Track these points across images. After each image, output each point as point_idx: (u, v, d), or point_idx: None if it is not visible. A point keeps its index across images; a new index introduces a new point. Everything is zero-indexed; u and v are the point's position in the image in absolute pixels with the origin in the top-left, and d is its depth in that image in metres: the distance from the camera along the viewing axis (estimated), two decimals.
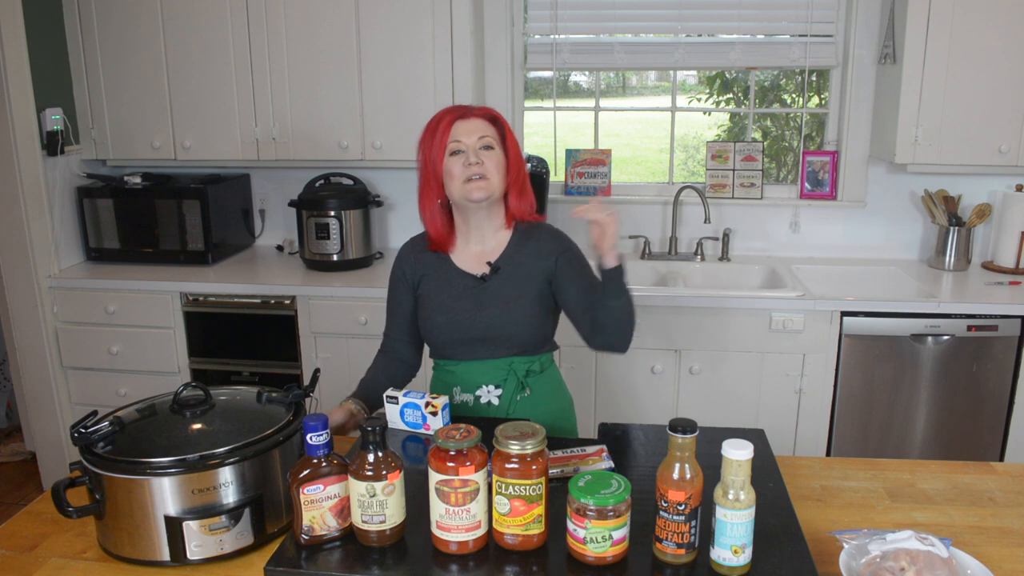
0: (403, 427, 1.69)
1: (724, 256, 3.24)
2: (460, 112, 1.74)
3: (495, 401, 1.78)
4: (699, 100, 3.52)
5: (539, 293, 1.77)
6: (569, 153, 3.36)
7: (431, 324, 1.79)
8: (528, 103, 3.41)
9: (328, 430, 1.26)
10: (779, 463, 1.53)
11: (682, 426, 1.17)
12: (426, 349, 1.91)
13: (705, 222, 3.11)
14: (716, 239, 3.26)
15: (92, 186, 3.20)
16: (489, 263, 1.79)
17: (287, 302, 2.96)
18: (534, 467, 1.20)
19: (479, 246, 1.81)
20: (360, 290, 2.89)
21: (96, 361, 3.11)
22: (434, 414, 1.64)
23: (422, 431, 1.67)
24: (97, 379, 3.14)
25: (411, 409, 1.67)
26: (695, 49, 3.24)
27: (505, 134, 1.77)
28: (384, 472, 1.23)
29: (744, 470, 1.16)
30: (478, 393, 1.79)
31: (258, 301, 2.99)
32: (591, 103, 3.43)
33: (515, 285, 1.76)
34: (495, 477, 1.22)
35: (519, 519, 1.21)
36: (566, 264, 1.77)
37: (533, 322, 1.76)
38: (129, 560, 1.30)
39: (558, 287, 1.77)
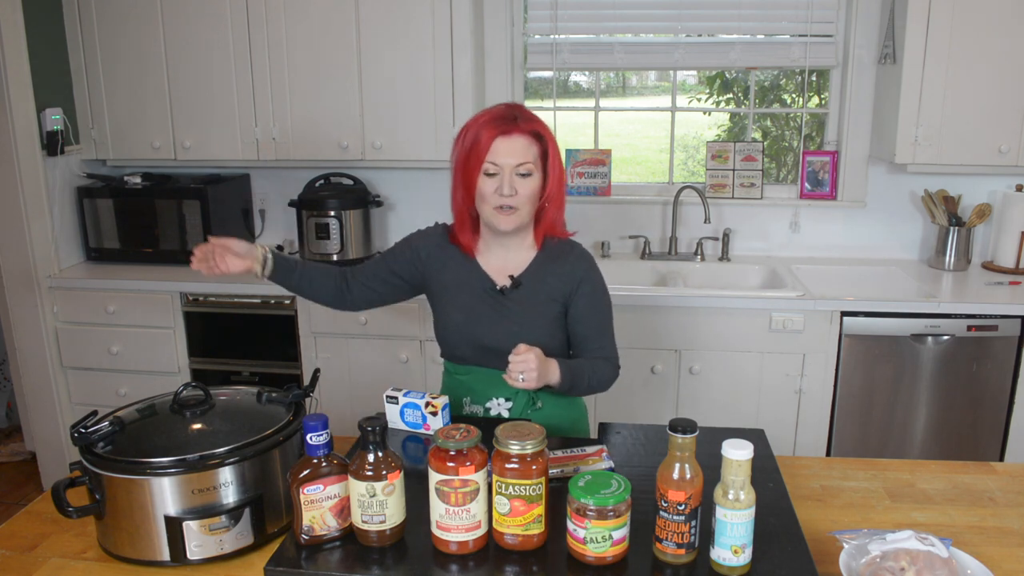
0: (403, 427, 1.69)
1: (724, 256, 3.24)
2: (503, 128, 1.62)
3: (505, 414, 1.76)
4: (699, 100, 3.52)
5: (556, 315, 1.74)
6: (569, 153, 3.36)
7: (447, 320, 1.76)
8: (528, 103, 3.41)
9: (328, 430, 1.26)
10: (779, 463, 1.53)
11: (682, 426, 1.17)
12: (435, 349, 1.88)
13: (705, 222, 3.11)
14: (716, 239, 3.26)
15: (92, 186, 3.20)
16: (511, 277, 1.74)
17: (287, 302, 2.96)
18: (534, 467, 1.20)
19: (502, 260, 1.76)
20: None
21: (96, 361, 3.11)
22: (434, 414, 1.64)
23: (422, 431, 1.67)
24: (97, 379, 3.14)
25: (411, 409, 1.67)
26: (695, 49, 3.24)
27: (548, 151, 1.67)
28: (384, 472, 1.23)
29: (744, 470, 1.16)
30: (488, 405, 1.77)
31: (258, 301, 2.99)
32: (591, 103, 3.43)
33: (534, 304, 1.73)
34: (495, 477, 1.22)
35: (519, 519, 1.21)
36: (582, 297, 1.74)
37: (548, 343, 1.71)
38: (129, 560, 1.30)
39: (569, 315, 1.75)
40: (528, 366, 1.56)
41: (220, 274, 1.73)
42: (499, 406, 1.76)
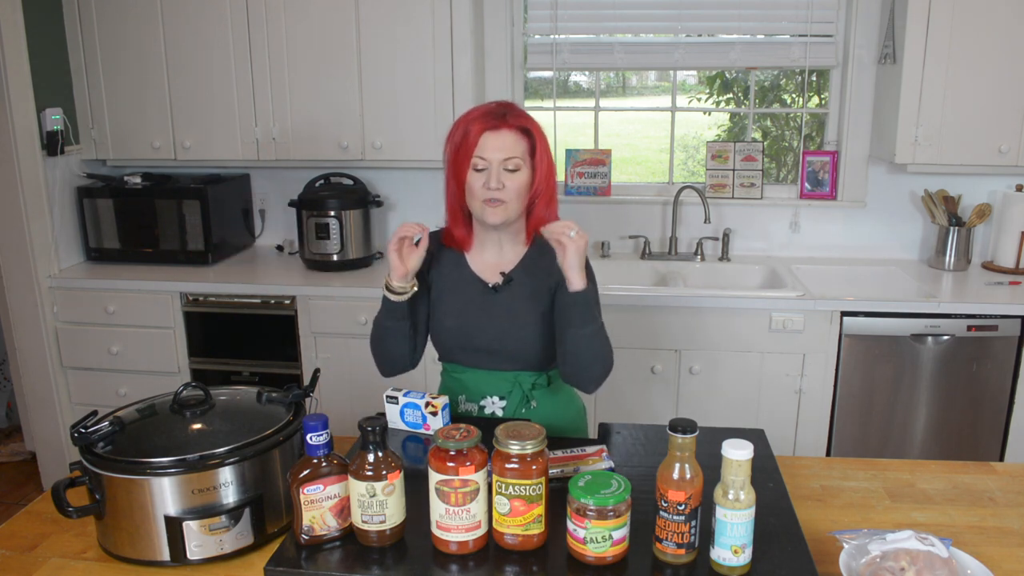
0: (403, 427, 1.69)
1: (724, 256, 3.24)
2: (492, 123, 1.65)
3: (499, 412, 1.76)
4: (699, 100, 3.52)
5: (548, 311, 1.72)
6: (569, 153, 3.36)
7: (440, 327, 1.77)
8: (528, 103, 3.41)
9: (328, 430, 1.26)
10: (779, 463, 1.53)
11: (682, 426, 1.17)
12: (433, 352, 1.88)
13: (705, 222, 3.11)
14: (716, 239, 3.26)
15: (92, 186, 3.20)
16: (503, 273, 1.74)
17: (287, 302, 2.96)
18: (534, 467, 1.20)
19: (495, 256, 1.76)
20: (360, 290, 2.89)
21: (96, 361, 3.11)
22: (434, 414, 1.64)
23: (422, 431, 1.67)
24: (97, 379, 3.14)
25: (411, 409, 1.67)
26: (695, 49, 3.24)
27: (536, 146, 1.68)
28: (384, 472, 1.23)
29: (744, 470, 1.16)
30: (483, 403, 1.77)
31: (258, 301, 2.99)
32: (591, 103, 3.43)
33: (525, 300, 1.72)
34: (495, 477, 1.22)
35: (519, 519, 1.21)
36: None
37: (540, 340, 1.71)
38: (129, 560, 1.30)
39: (556, 302, 1.70)
40: (572, 226, 1.56)
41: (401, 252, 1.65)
42: (493, 404, 1.77)
